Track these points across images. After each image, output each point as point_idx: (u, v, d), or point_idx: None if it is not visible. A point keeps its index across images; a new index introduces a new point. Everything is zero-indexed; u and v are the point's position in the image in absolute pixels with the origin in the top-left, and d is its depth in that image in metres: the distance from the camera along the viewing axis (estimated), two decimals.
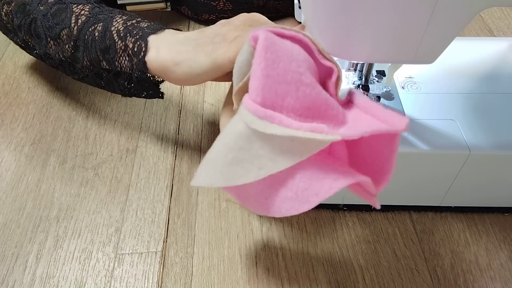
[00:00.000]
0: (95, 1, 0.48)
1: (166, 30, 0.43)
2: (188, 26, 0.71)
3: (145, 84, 0.45)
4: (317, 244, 0.42)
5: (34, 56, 0.52)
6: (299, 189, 0.29)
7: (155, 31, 0.42)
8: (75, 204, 0.46)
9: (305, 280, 0.40)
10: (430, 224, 0.44)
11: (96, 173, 0.49)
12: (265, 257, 0.42)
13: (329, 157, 0.31)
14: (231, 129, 0.30)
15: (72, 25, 0.44)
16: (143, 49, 0.41)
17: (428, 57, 0.33)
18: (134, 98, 0.57)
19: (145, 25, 0.43)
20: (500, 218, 0.45)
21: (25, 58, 0.64)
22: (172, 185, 0.48)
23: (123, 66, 0.43)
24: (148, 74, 0.43)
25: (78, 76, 0.48)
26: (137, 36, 0.42)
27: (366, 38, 0.32)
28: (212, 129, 0.53)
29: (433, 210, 0.45)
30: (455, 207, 0.45)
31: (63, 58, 0.47)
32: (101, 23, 0.44)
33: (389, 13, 0.30)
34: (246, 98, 0.29)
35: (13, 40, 0.54)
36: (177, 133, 0.53)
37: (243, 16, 0.40)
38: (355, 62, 0.41)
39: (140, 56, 0.41)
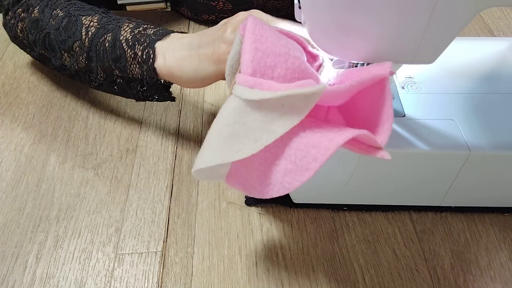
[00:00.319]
0: (102, 10, 0.50)
1: (172, 35, 0.45)
2: (188, 26, 0.71)
3: (156, 89, 0.46)
4: (317, 244, 0.42)
5: (51, 68, 0.55)
6: (297, 158, 0.29)
7: (161, 36, 0.45)
8: (75, 204, 0.46)
9: (305, 280, 0.40)
10: (430, 224, 0.44)
11: (96, 173, 0.49)
12: (265, 257, 0.41)
13: (325, 122, 0.31)
14: (226, 106, 0.30)
15: (83, 37, 0.47)
16: (152, 56, 0.44)
17: (428, 57, 0.33)
18: None
19: (152, 32, 0.45)
20: (500, 218, 0.45)
21: (25, 58, 0.64)
22: (172, 185, 0.48)
23: (134, 73, 0.45)
24: (158, 79, 0.45)
25: (94, 84, 0.50)
26: (145, 44, 0.44)
27: (366, 38, 0.32)
28: None
29: (433, 210, 0.45)
30: (455, 207, 0.45)
31: (78, 69, 0.49)
32: (110, 33, 0.46)
33: (389, 13, 0.30)
34: (238, 74, 0.30)
35: (30, 55, 0.56)
36: (177, 133, 0.53)
37: (241, 15, 0.41)
38: (355, 62, 0.41)
39: (150, 63, 0.44)
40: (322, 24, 0.33)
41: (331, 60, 0.39)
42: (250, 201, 0.45)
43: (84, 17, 0.48)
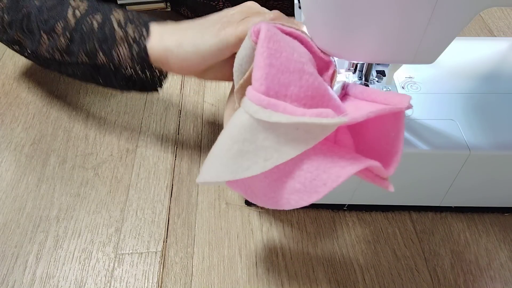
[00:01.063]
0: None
1: (169, 21, 0.42)
2: None
3: (144, 75, 0.43)
4: (317, 244, 0.42)
5: (24, 56, 0.51)
6: (307, 180, 0.29)
7: (157, 21, 0.41)
8: (75, 204, 0.46)
9: (305, 280, 0.40)
10: (430, 224, 0.44)
11: (96, 173, 0.49)
12: (265, 257, 0.41)
13: (335, 145, 0.31)
14: (235, 121, 0.30)
15: (69, 16, 0.43)
16: (145, 34, 0.40)
17: (428, 57, 0.33)
18: (134, 98, 0.57)
19: (147, 17, 0.42)
20: (500, 218, 0.45)
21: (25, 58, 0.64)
22: (172, 185, 0.48)
23: (121, 57, 0.42)
24: (149, 63, 0.41)
25: (73, 73, 0.47)
26: (138, 23, 0.41)
27: (366, 38, 0.32)
28: (212, 129, 0.53)
29: (433, 210, 0.45)
30: (455, 207, 0.45)
31: (56, 54, 0.45)
32: (99, 13, 0.42)
33: (389, 13, 0.30)
34: (250, 89, 0.29)
35: (1, 40, 0.51)
36: (177, 133, 0.53)
37: (241, 6, 0.39)
38: (355, 62, 0.41)
39: (141, 42, 0.40)
40: (322, 24, 0.33)
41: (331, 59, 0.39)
42: (250, 201, 0.45)
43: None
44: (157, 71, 0.43)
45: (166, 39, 0.39)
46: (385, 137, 0.30)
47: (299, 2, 0.36)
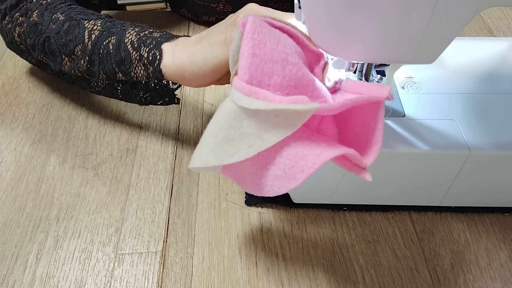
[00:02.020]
0: (105, 15, 0.49)
1: (179, 38, 0.44)
2: (188, 27, 0.71)
3: (161, 92, 0.46)
4: (317, 244, 0.42)
5: (50, 74, 0.54)
6: (287, 166, 0.30)
7: (168, 39, 0.44)
8: (75, 204, 0.46)
9: (305, 280, 0.40)
10: (430, 224, 0.44)
11: (96, 173, 0.49)
12: (265, 257, 0.42)
13: (316, 134, 0.32)
14: (223, 109, 0.31)
15: (86, 40, 0.46)
16: (158, 57, 0.43)
17: (428, 57, 0.33)
18: None
19: (158, 35, 0.45)
20: (500, 218, 0.45)
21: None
22: (172, 185, 0.48)
23: (139, 76, 0.44)
24: (165, 81, 0.44)
25: (95, 89, 0.49)
26: (151, 46, 0.43)
27: (366, 38, 0.32)
28: None
29: (433, 210, 0.45)
30: (455, 207, 0.45)
31: (78, 74, 0.48)
32: (114, 36, 0.45)
33: (389, 13, 0.30)
34: (235, 78, 0.30)
35: (27, 60, 0.55)
36: (177, 133, 0.53)
37: (251, 5, 0.41)
38: (355, 62, 0.41)
39: (156, 64, 0.43)
40: (322, 24, 0.33)
41: (332, 59, 0.39)
42: (250, 201, 0.45)
43: (87, 21, 0.47)
44: (173, 86, 0.46)
45: (178, 56, 0.42)
46: (366, 128, 0.31)
47: (299, 2, 0.36)
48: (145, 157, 0.50)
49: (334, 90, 0.35)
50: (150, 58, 0.43)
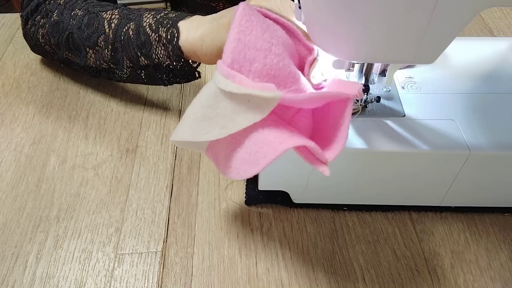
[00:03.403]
0: (120, 5, 0.52)
1: (194, 16, 0.47)
2: None
3: (183, 70, 0.48)
4: (317, 244, 0.42)
5: (76, 69, 0.56)
6: (252, 151, 0.31)
7: (183, 18, 0.46)
8: (75, 204, 0.46)
9: (305, 280, 0.40)
10: (430, 224, 0.44)
11: (96, 173, 0.49)
12: (265, 257, 0.42)
13: (285, 124, 0.33)
14: (206, 89, 0.32)
15: (107, 30, 0.48)
16: (176, 34, 0.45)
17: (428, 57, 0.33)
18: (134, 98, 0.57)
19: (173, 15, 0.47)
20: (500, 218, 0.45)
21: (25, 58, 0.64)
22: (172, 185, 0.48)
23: (160, 57, 0.47)
24: (184, 58, 0.46)
25: (121, 77, 0.52)
26: (168, 25, 0.46)
27: (366, 38, 0.32)
28: None
29: (433, 210, 0.45)
30: (455, 207, 0.45)
31: (104, 64, 0.50)
32: (132, 22, 0.47)
33: (389, 14, 0.30)
34: (219, 60, 0.32)
35: (53, 60, 0.58)
36: None
37: None
38: (355, 62, 0.41)
39: (174, 42, 0.45)
40: (322, 24, 0.33)
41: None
42: (250, 201, 0.45)
43: (104, 12, 0.49)
44: (192, 62, 0.48)
45: (192, 34, 0.44)
46: (334, 125, 0.32)
47: (299, 2, 0.36)
48: (145, 157, 0.50)
49: (319, 87, 0.36)
50: (169, 37, 0.45)
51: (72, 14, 0.51)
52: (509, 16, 0.73)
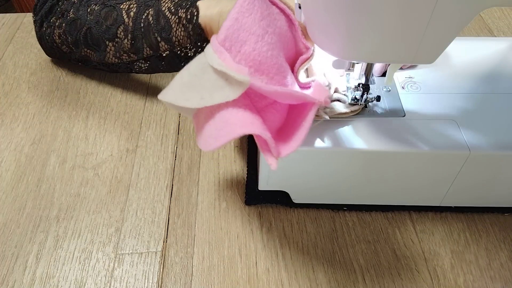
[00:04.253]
0: None
1: None
2: None
3: (201, 49, 0.48)
4: (317, 244, 0.42)
5: (94, 67, 0.57)
6: (218, 127, 0.32)
7: None
8: (75, 204, 0.46)
9: (305, 280, 0.40)
10: (430, 224, 0.44)
11: (96, 173, 0.49)
12: (265, 257, 0.42)
13: (254, 111, 0.34)
14: (198, 57, 0.34)
15: (126, 19, 0.49)
16: (195, 13, 0.46)
17: (428, 57, 0.33)
18: (134, 98, 0.57)
19: None
20: (500, 218, 0.45)
21: (25, 58, 0.64)
22: (172, 185, 0.48)
23: (180, 39, 0.48)
24: (205, 36, 0.47)
25: (140, 69, 0.53)
26: (187, 6, 0.47)
27: (366, 38, 0.32)
28: None
29: (433, 210, 0.45)
30: (455, 207, 0.45)
31: (123, 55, 0.51)
32: (151, 8, 0.48)
33: (389, 13, 0.30)
34: (214, 35, 0.33)
35: (70, 60, 0.59)
36: (177, 133, 0.53)
37: None
38: (355, 62, 0.41)
39: (194, 21, 0.46)
40: (322, 24, 0.33)
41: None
42: (250, 201, 0.45)
43: (121, 3, 0.50)
44: None
45: (211, 9, 0.46)
46: (297, 125, 0.33)
47: (299, 2, 0.36)
48: (145, 157, 0.50)
49: (305, 86, 0.36)
50: (189, 16, 0.46)
51: (88, 10, 0.51)
52: (509, 16, 0.73)
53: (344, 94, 0.41)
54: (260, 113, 0.34)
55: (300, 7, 0.37)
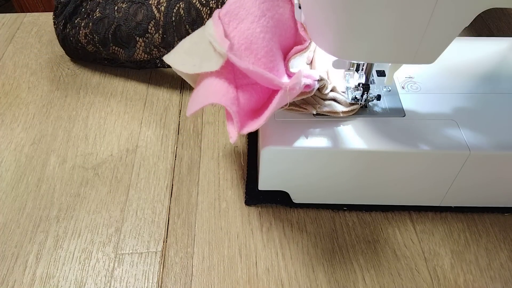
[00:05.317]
0: None
1: None
2: None
3: None
4: (317, 244, 0.42)
5: (121, 65, 0.58)
6: (199, 92, 0.34)
7: None
8: (75, 204, 0.46)
9: (305, 280, 0.40)
10: (430, 224, 0.44)
11: (96, 173, 0.49)
12: (265, 257, 0.42)
13: (232, 86, 0.35)
14: (201, 28, 0.35)
15: (156, 14, 0.50)
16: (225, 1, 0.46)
17: (428, 57, 0.33)
18: (134, 98, 0.57)
19: None
20: (500, 218, 0.45)
21: (25, 58, 0.64)
22: (172, 185, 0.48)
23: None
24: None
25: (163, 66, 0.55)
26: None
27: (366, 38, 0.32)
28: (212, 129, 0.53)
29: (433, 210, 0.45)
30: (455, 207, 0.45)
31: (154, 50, 0.52)
32: (181, 2, 0.49)
33: (389, 13, 0.30)
34: (217, 9, 0.35)
35: (95, 60, 0.59)
36: (177, 133, 0.53)
37: None
38: (355, 62, 0.41)
39: None
40: (322, 23, 0.33)
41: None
42: (250, 201, 0.45)
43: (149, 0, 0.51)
44: None
45: None
46: (266, 104, 0.35)
47: (299, 2, 0.36)
48: (145, 157, 0.50)
49: (293, 75, 0.37)
50: (220, 6, 0.47)
51: (116, 8, 0.52)
52: (509, 16, 0.73)
53: (343, 94, 0.41)
54: (239, 89, 0.35)
55: (300, 7, 0.37)
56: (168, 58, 0.35)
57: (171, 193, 0.47)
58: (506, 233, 0.43)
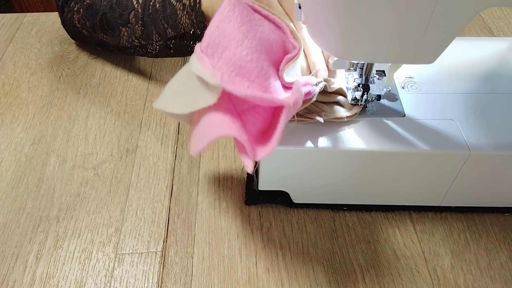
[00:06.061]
0: None
1: None
2: None
3: None
4: (317, 244, 0.42)
5: (112, 51, 0.59)
6: (200, 130, 0.33)
7: None
8: (75, 204, 0.46)
9: (305, 280, 0.40)
10: (430, 224, 0.44)
11: (96, 173, 0.49)
12: (265, 257, 0.42)
13: (235, 114, 0.34)
14: (186, 65, 0.35)
15: (135, 5, 0.51)
16: (198, 0, 0.47)
17: (428, 57, 0.33)
18: (134, 98, 0.57)
19: None
20: (500, 218, 0.45)
21: (25, 58, 0.64)
22: (172, 185, 0.48)
23: (185, 26, 0.49)
24: (207, 24, 0.48)
25: (152, 53, 0.55)
26: None
27: (366, 38, 0.32)
28: None
29: (433, 210, 0.45)
30: (455, 207, 0.45)
31: (135, 41, 0.53)
32: None
33: (389, 13, 0.30)
34: (198, 43, 0.34)
35: (91, 44, 0.60)
36: (177, 133, 0.53)
37: None
38: (355, 62, 0.41)
39: (197, 8, 0.47)
40: (322, 23, 0.33)
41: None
42: (250, 201, 0.45)
43: None
44: None
45: None
46: (273, 127, 0.34)
47: (299, 2, 0.36)
48: (145, 157, 0.50)
49: (290, 86, 0.36)
50: (191, 3, 0.47)
51: None
52: (509, 16, 0.73)
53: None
54: (242, 116, 0.35)
55: (300, 7, 0.37)
56: (158, 104, 0.34)
57: (171, 193, 0.47)
58: (506, 233, 0.43)
